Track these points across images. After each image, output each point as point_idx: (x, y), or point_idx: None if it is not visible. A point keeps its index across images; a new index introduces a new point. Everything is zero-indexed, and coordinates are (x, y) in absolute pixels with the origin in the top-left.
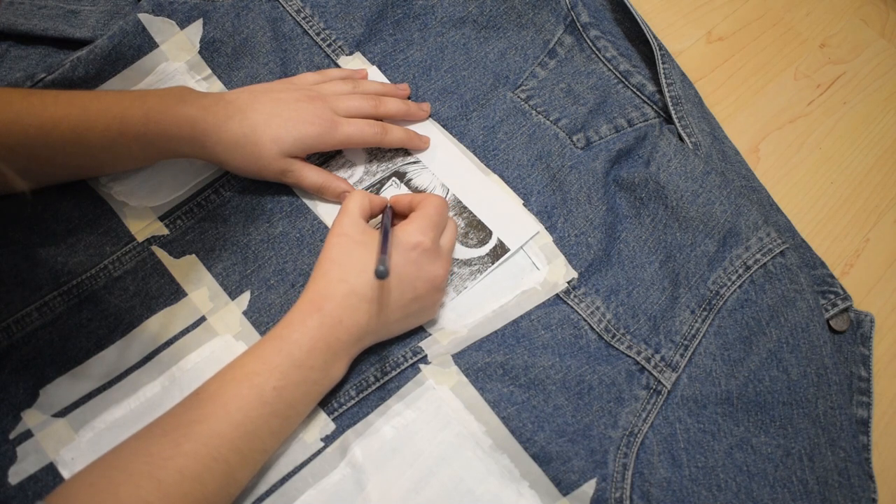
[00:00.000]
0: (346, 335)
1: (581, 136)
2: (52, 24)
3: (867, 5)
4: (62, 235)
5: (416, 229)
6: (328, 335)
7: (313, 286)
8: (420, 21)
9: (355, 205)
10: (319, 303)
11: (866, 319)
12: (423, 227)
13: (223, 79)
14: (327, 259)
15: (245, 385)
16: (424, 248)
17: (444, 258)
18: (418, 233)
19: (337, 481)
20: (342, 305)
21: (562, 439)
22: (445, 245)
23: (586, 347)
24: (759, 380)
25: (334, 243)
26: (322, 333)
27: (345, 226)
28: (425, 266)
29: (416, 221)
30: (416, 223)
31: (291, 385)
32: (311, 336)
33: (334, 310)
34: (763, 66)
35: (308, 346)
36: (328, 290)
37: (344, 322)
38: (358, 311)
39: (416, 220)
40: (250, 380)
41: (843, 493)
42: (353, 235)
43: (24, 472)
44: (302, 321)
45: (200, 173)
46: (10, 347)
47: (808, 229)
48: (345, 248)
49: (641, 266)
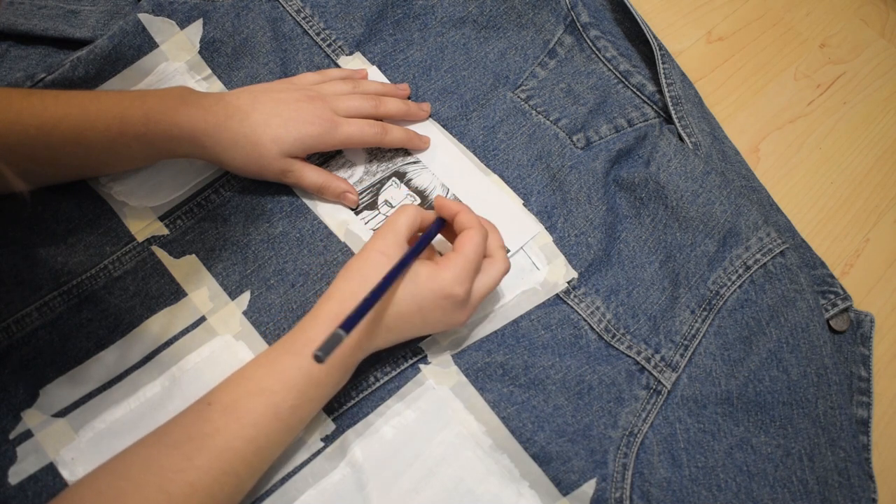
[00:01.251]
0: (361, 353)
1: (581, 136)
2: (52, 24)
3: (867, 5)
4: (62, 235)
5: (454, 279)
6: (347, 356)
7: (338, 297)
8: (420, 21)
9: (404, 222)
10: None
11: (866, 319)
12: (462, 277)
13: (223, 79)
14: (360, 276)
15: (261, 401)
16: (456, 300)
17: (473, 305)
18: (455, 283)
19: (337, 481)
20: (365, 330)
21: (562, 439)
22: (478, 292)
23: (586, 347)
24: (759, 380)
25: (372, 260)
26: (342, 354)
27: (388, 244)
28: (451, 313)
29: (455, 269)
30: (454, 271)
31: (307, 402)
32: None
33: (356, 334)
34: (763, 66)
35: (328, 364)
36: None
37: (363, 345)
38: (377, 337)
39: (456, 266)
40: (268, 397)
41: (843, 493)
42: (392, 257)
43: (24, 472)
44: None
45: (200, 173)
46: (10, 347)
47: (808, 229)
48: (378, 265)
49: (641, 266)
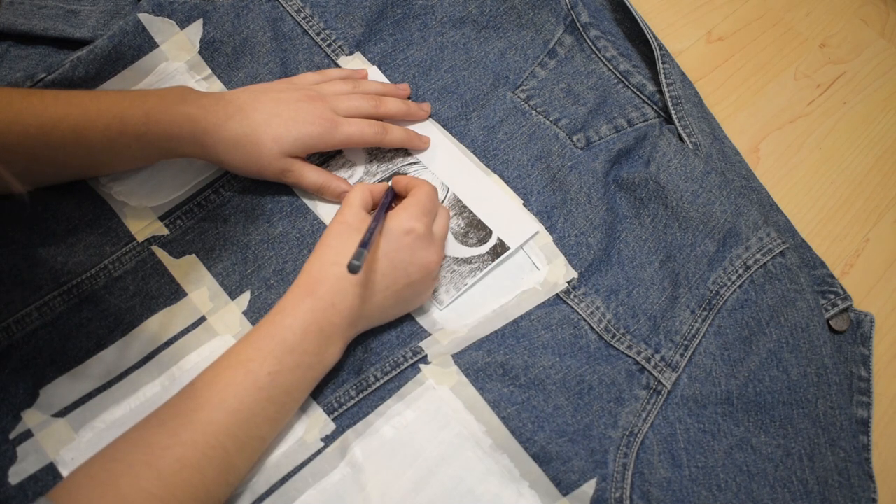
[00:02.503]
0: (339, 318)
1: (581, 136)
2: (52, 24)
3: (867, 5)
4: (62, 235)
5: (409, 216)
6: (321, 318)
7: (307, 270)
8: (420, 21)
9: (357, 196)
10: (312, 286)
11: (866, 319)
12: (416, 214)
13: (223, 79)
14: (323, 244)
15: (240, 371)
16: (417, 234)
17: (438, 244)
18: (412, 219)
19: (337, 481)
20: (334, 289)
21: (562, 439)
22: (438, 231)
23: (586, 347)
24: (759, 380)
25: (332, 230)
26: (315, 317)
27: (346, 215)
28: (418, 252)
29: (409, 209)
30: (408, 210)
31: (286, 370)
32: (303, 320)
33: (326, 293)
34: (763, 66)
35: (301, 329)
36: (321, 274)
37: (336, 305)
38: (350, 295)
39: (409, 206)
40: (245, 366)
41: (843, 493)
42: (352, 223)
43: (24, 472)
44: (294, 306)
45: (200, 173)
46: (10, 347)
47: (808, 229)
48: (342, 233)
49: (641, 266)
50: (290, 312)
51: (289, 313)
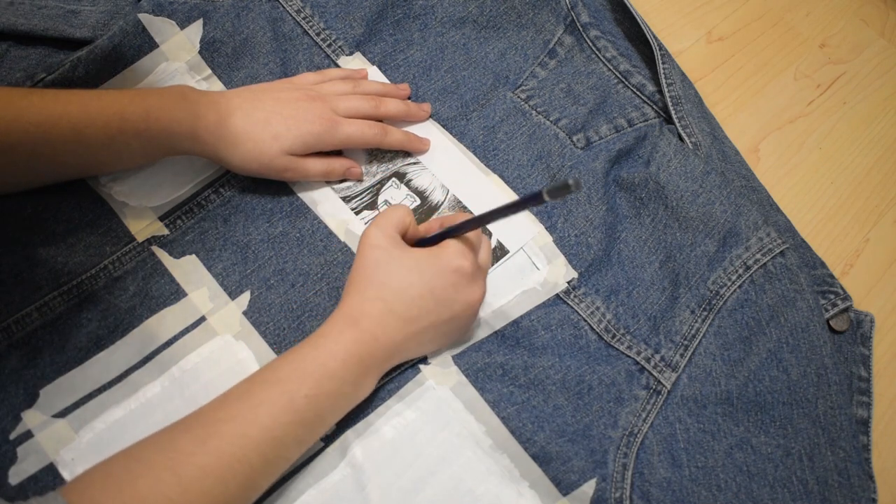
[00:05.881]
0: (380, 351)
1: (581, 136)
2: (52, 24)
3: (867, 5)
4: (62, 235)
5: (456, 253)
6: (363, 350)
7: (349, 301)
8: (420, 21)
9: (390, 217)
10: (356, 318)
11: (866, 319)
12: (464, 250)
13: (223, 79)
14: (363, 276)
15: (276, 389)
16: (464, 273)
17: (482, 279)
18: (460, 256)
19: (337, 481)
20: (379, 323)
21: (562, 439)
22: (483, 266)
23: (586, 347)
24: (759, 380)
25: (367, 256)
26: (357, 348)
27: (376, 237)
28: (464, 289)
29: (454, 245)
30: (453, 247)
31: (323, 395)
32: (346, 349)
33: (371, 326)
34: (763, 66)
35: (343, 357)
36: (364, 308)
37: (380, 339)
38: (394, 330)
39: (453, 243)
40: (282, 385)
41: (843, 493)
42: (386, 248)
43: (25, 472)
44: (339, 333)
45: (200, 173)
46: (10, 347)
47: (808, 229)
48: (380, 263)
49: (641, 266)
50: (333, 339)
51: (332, 339)
